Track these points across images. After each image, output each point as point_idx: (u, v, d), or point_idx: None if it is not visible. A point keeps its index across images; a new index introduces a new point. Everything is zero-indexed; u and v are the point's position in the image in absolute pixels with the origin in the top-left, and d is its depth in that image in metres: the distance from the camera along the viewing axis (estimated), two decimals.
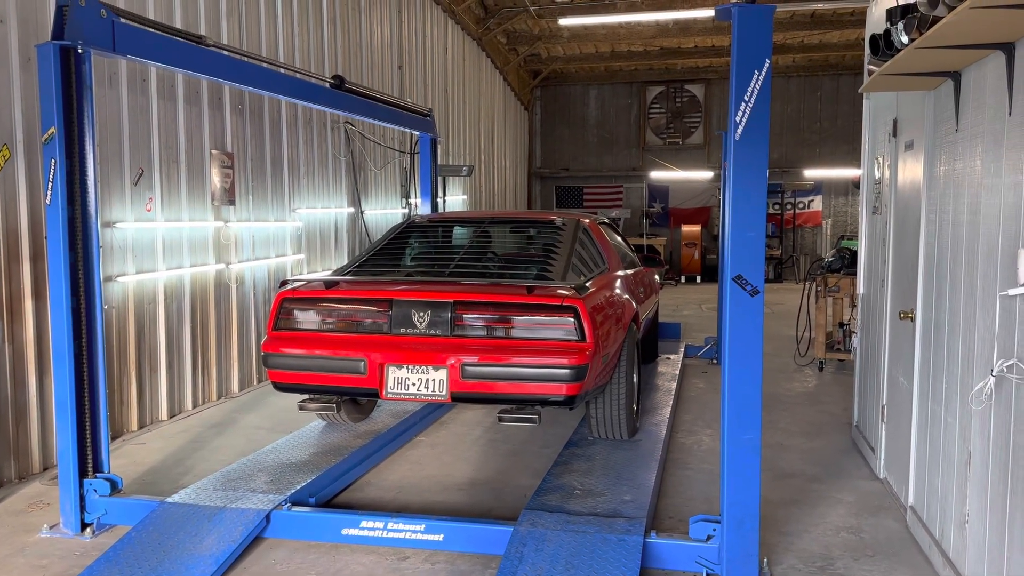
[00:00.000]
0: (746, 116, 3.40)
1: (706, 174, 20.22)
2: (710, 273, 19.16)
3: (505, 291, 4.57)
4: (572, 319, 4.42)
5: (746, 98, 3.38)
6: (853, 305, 7.52)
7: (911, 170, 4.52)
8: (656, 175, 20.76)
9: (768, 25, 3.37)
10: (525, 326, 4.47)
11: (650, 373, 7.74)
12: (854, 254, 7.83)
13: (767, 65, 3.36)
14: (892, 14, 3.43)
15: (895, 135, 4.92)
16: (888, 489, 4.86)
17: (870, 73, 4.14)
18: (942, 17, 2.80)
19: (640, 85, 21.13)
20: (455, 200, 14.22)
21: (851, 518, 4.46)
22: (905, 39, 3.22)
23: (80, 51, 4.08)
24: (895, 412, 4.79)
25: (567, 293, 4.51)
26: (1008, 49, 2.97)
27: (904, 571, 3.83)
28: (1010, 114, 2.98)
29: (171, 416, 6.53)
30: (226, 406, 7.01)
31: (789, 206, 20.26)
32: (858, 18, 15.20)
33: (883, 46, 3.53)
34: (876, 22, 4.87)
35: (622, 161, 21.41)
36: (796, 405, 7.06)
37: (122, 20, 4.27)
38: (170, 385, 6.55)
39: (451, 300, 4.54)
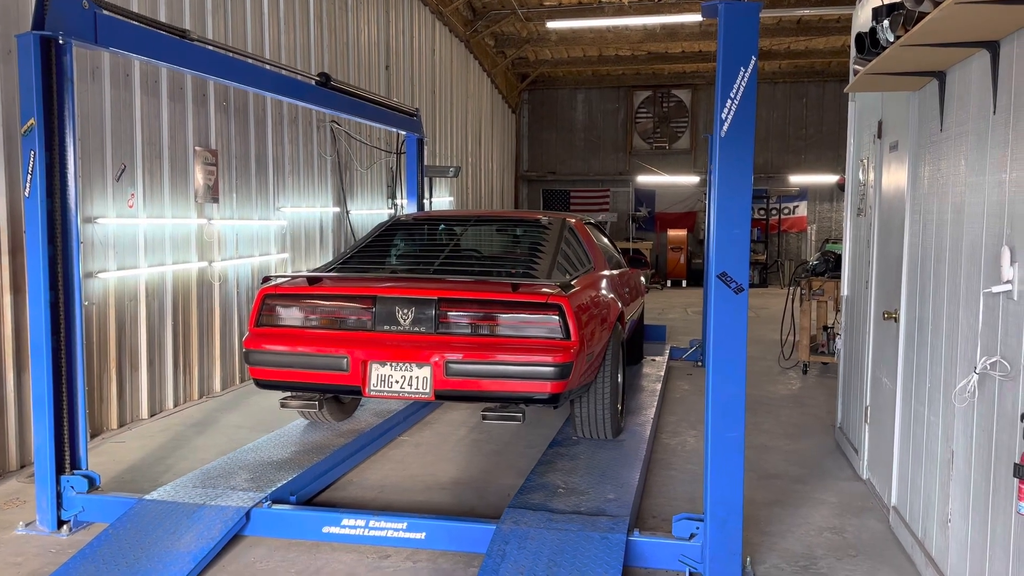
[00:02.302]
0: (732, 113, 3.40)
1: (692, 179, 20.29)
2: (696, 277, 19.20)
3: (490, 288, 4.55)
4: (557, 317, 4.40)
5: (732, 95, 3.38)
6: (837, 309, 7.53)
7: (895, 171, 4.54)
8: (643, 179, 20.81)
9: (754, 22, 3.37)
10: (510, 324, 4.44)
11: (635, 375, 7.73)
12: (838, 257, 7.85)
13: (753, 62, 3.36)
14: (878, 12, 3.44)
15: (880, 136, 4.93)
16: (871, 490, 4.87)
17: (855, 73, 4.16)
18: (928, 13, 2.80)
19: (627, 90, 21.18)
20: (441, 202, 14.19)
21: (834, 518, 4.46)
22: (891, 36, 3.22)
23: (61, 42, 4.03)
24: (878, 413, 4.80)
25: (552, 291, 4.49)
26: (993, 47, 2.98)
27: (886, 571, 3.83)
28: (994, 112, 2.99)
29: (152, 415, 6.46)
30: (208, 405, 6.94)
31: (774, 211, 20.37)
32: (844, 25, 15.32)
33: (869, 44, 3.53)
34: (862, 24, 4.88)
35: (609, 165, 21.46)
36: (780, 407, 7.07)
37: (104, 12, 4.23)
38: (151, 384, 6.48)
39: (435, 297, 4.51)
